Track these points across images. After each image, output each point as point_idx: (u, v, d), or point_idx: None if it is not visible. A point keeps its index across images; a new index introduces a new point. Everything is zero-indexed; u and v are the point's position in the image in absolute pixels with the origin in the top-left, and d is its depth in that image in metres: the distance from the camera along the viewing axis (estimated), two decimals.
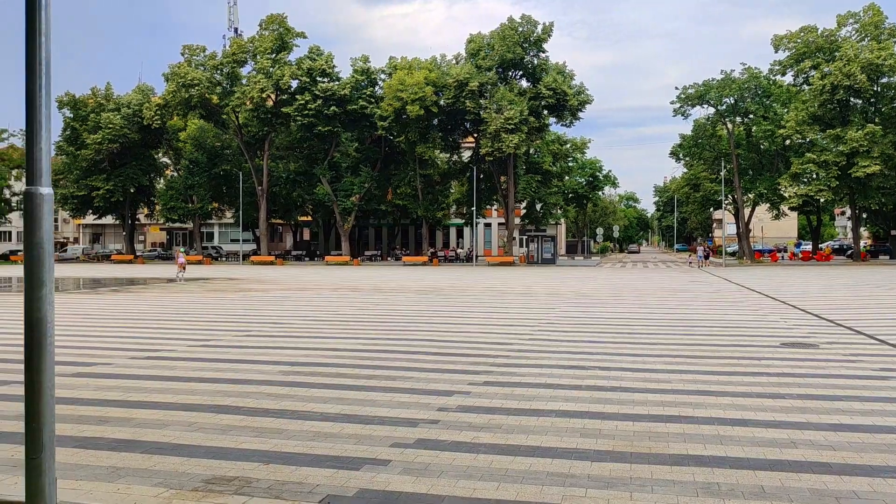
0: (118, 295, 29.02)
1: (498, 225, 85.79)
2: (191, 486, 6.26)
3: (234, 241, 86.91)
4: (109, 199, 74.42)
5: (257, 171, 70.52)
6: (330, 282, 37.76)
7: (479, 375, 11.24)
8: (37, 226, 5.19)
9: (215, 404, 9.30)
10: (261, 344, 14.76)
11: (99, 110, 73.33)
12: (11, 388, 10.30)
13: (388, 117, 62.26)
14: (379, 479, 6.47)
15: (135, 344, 14.81)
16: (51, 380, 5.22)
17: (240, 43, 68.86)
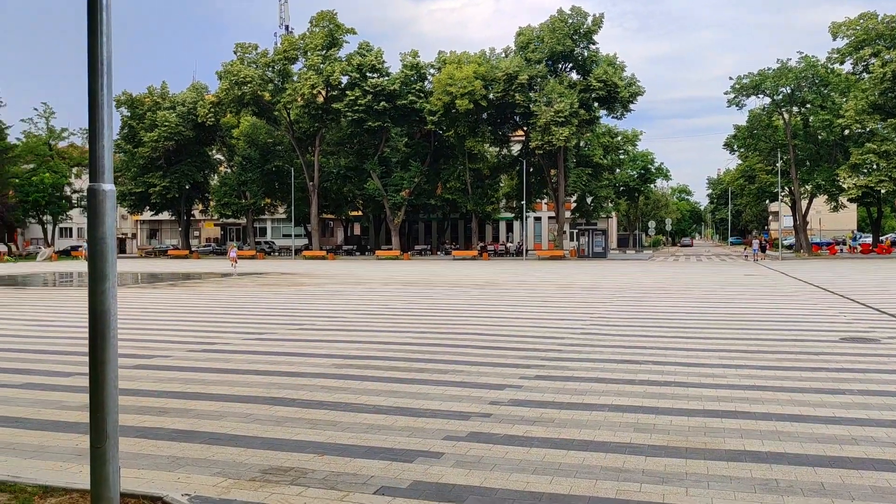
0: (175, 289, 29.65)
1: (548, 219, 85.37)
2: (248, 476, 6.38)
3: (287, 236, 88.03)
4: (165, 196, 76.00)
5: (308, 166, 71.30)
6: (380, 276, 38.03)
7: (530, 369, 11.22)
8: (100, 221, 5.34)
9: (270, 396, 9.45)
10: (314, 337, 14.95)
11: (155, 109, 74.89)
12: (75, 379, 10.61)
13: (438, 112, 62.35)
14: (432, 472, 6.51)
15: (192, 337, 15.13)
16: (114, 371, 5.37)
17: (291, 40, 69.62)
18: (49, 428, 7.95)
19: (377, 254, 69.33)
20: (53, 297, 26.54)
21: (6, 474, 6.32)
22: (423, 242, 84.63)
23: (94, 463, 5.31)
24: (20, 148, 78.60)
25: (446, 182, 68.03)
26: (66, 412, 8.66)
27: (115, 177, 71.86)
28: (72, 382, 10.39)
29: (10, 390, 9.88)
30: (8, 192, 73.87)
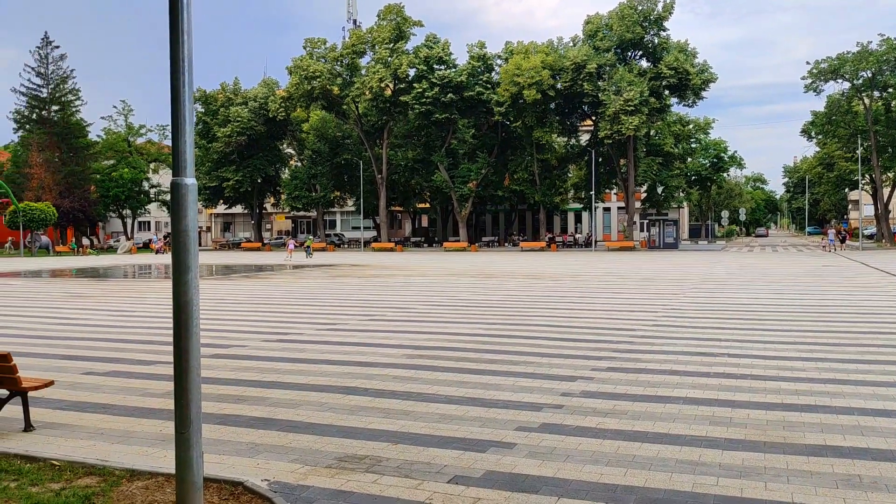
0: (249, 281, 30.34)
1: (617, 209, 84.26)
2: (325, 464, 6.51)
3: (356, 228, 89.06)
4: (238, 190, 77.69)
5: (377, 159, 71.93)
6: (449, 268, 38.17)
7: (602, 361, 11.13)
8: (182, 214, 5.51)
9: (344, 386, 9.61)
10: (385, 328, 15.12)
11: (228, 105, 76.57)
12: (157, 367, 10.98)
13: (505, 102, 62.11)
14: (505, 462, 6.53)
15: (266, 327, 15.47)
16: (197, 360, 5.54)
17: (358, 34, 70.26)
18: (134, 414, 8.25)
19: (445, 245, 69.56)
20: (134, 288, 27.46)
21: (95, 458, 6.59)
22: (490, 234, 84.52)
23: (179, 448, 5.49)
24: (101, 145, 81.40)
25: (514, 173, 67.76)
26: (149, 399, 8.98)
27: None
28: (154, 370, 10.76)
29: (97, 378, 10.28)
30: (90, 187, 76.59)
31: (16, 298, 22.88)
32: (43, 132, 72.98)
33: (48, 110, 74.81)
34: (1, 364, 7.22)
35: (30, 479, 6.07)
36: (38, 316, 18.04)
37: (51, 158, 72.30)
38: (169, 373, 10.40)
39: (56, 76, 74.63)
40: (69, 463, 6.45)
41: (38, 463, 6.48)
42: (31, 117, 74.78)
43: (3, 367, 7.23)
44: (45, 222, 65.04)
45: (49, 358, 11.86)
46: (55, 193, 70.54)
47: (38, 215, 63.68)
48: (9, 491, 5.80)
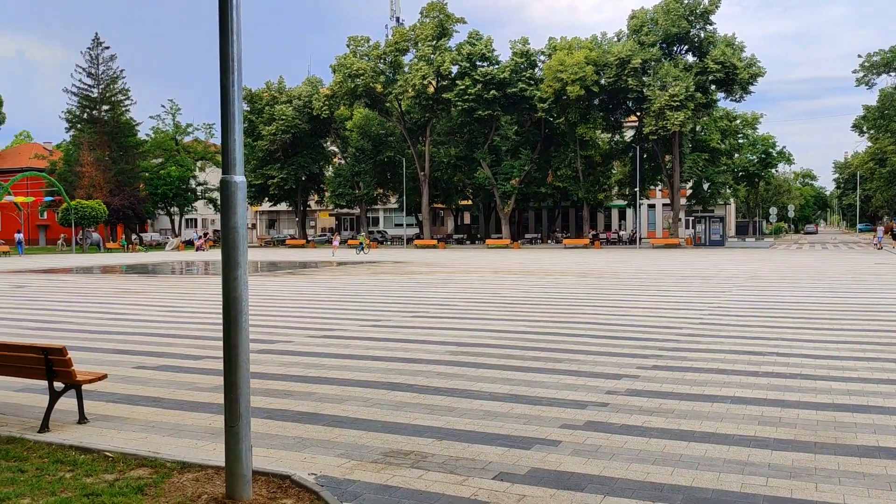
0: (293, 277, 30.67)
1: (662, 206, 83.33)
2: (370, 459, 6.56)
3: (398, 225, 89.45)
4: (283, 187, 78.55)
5: (419, 156, 72.14)
6: (491, 265, 38.13)
7: (647, 359, 11.03)
8: (232, 211, 5.60)
9: (388, 381, 9.67)
10: (428, 325, 15.17)
11: (273, 103, 77.45)
12: (205, 362, 11.17)
13: (548, 99, 61.79)
14: (550, 459, 6.52)
15: (311, 323, 15.63)
16: (246, 354, 5.64)
17: (401, 32, 70.50)
18: (184, 408, 8.41)
19: (487, 242, 69.50)
20: (182, 284, 27.94)
21: (147, 450, 6.74)
22: (533, 231, 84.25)
23: (229, 441, 5.60)
24: (149, 143, 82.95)
25: (557, 170, 67.43)
26: (199, 393, 9.14)
27: None
28: (203, 365, 10.95)
29: (148, 371, 10.50)
30: (139, 185, 78.12)
31: (69, 294, 23.45)
32: (94, 131, 74.60)
33: (99, 110, 76.43)
34: (57, 358, 7.41)
35: (84, 470, 6.23)
36: (91, 311, 18.47)
37: (101, 157, 73.87)
38: (217, 367, 10.58)
39: (106, 76, 76.22)
40: (122, 454, 6.60)
41: (93, 454, 6.65)
42: (82, 117, 76.49)
43: (58, 361, 7.42)
44: (96, 219, 66.53)
45: (101, 352, 12.13)
46: (106, 191, 72.08)
47: (90, 213, 65.15)
48: (64, 481, 5.96)
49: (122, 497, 5.57)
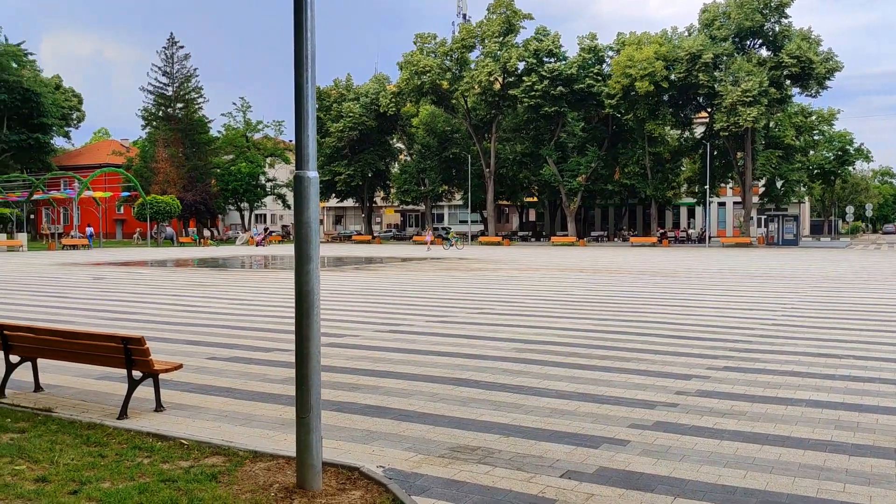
0: (360, 272, 31.01)
1: (733, 204, 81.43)
2: (437, 453, 6.60)
3: (463, 222, 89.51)
4: (350, 183, 79.44)
5: (485, 153, 72.06)
6: (557, 262, 37.88)
7: (717, 360, 10.81)
8: (304, 206, 5.69)
9: (455, 377, 9.70)
10: (494, 321, 15.16)
11: (340, 100, 78.35)
12: (275, 354, 11.39)
13: (616, 95, 61.00)
14: (618, 459, 6.45)
15: (378, 318, 15.78)
16: (317, 347, 5.73)
17: (468, 28, 70.50)
18: (255, 398, 8.59)
19: (552, 240, 69.04)
20: (251, 278, 28.53)
21: (220, 439, 6.91)
22: (599, 229, 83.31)
23: (300, 432, 5.70)
24: (221, 140, 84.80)
25: (624, 167, 66.55)
26: (269, 384, 9.33)
27: None
28: (272, 357, 11.16)
29: (220, 363, 10.76)
30: (211, 181, 79.96)
31: (144, 286, 24.18)
32: (168, 129, 76.65)
33: (173, 108, 78.49)
34: (135, 347, 7.65)
35: (161, 457, 6.42)
36: (165, 303, 19.01)
37: (175, 154, 75.85)
38: (287, 360, 10.77)
39: (181, 75, 78.22)
40: (197, 442, 6.78)
41: (169, 441, 6.84)
42: (157, 114, 78.67)
43: (137, 350, 7.66)
44: (169, 214, 68.43)
45: (175, 343, 12.48)
46: (179, 187, 74.00)
47: (164, 208, 67.03)
48: (142, 467, 6.15)
49: (197, 484, 5.72)
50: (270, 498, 5.49)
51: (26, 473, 5.97)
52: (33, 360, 8.78)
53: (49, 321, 14.72)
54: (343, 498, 5.52)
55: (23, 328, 8.73)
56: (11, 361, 8.71)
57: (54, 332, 8.71)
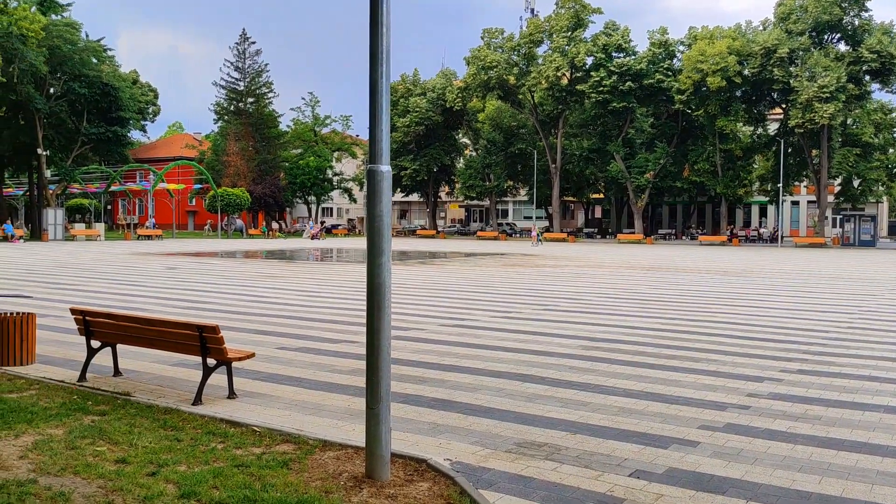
0: (424, 266, 31.18)
1: (807, 203, 79.08)
2: (504, 448, 6.61)
3: (528, 217, 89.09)
4: (415, 178, 79.88)
5: (551, 148, 71.61)
6: (624, 260, 37.43)
7: (791, 363, 10.54)
8: (377, 199, 5.76)
9: (520, 373, 9.69)
10: (559, 318, 15.07)
11: (407, 95, 78.81)
12: (342, 346, 11.55)
13: (687, 90, 59.87)
14: (688, 460, 6.36)
15: (442, 312, 15.85)
16: (388, 339, 5.80)
17: (536, 23, 70.06)
18: (324, 388, 8.74)
19: (619, 237, 68.22)
20: (318, 270, 28.96)
21: (291, 427, 7.05)
22: (667, 226, 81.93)
23: (369, 422, 5.78)
24: (290, 134, 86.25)
25: (694, 164, 65.28)
26: (338, 375, 9.47)
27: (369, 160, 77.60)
28: (340, 349, 11.32)
29: (290, 353, 10.96)
30: (279, 174, 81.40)
31: (215, 276, 24.77)
32: (239, 123, 78.29)
33: (244, 102, 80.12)
34: (210, 335, 7.86)
35: (234, 443, 6.58)
36: (235, 293, 19.45)
37: (246, 147, 77.44)
38: (354, 351, 10.92)
39: (252, 70, 79.78)
40: (268, 430, 6.94)
41: (241, 428, 7.01)
42: (229, 109, 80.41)
43: (212, 339, 7.87)
44: (239, 207, 69.93)
45: (246, 332, 12.76)
46: (249, 180, 75.54)
47: (234, 200, 68.52)
48: (216, 452, 6.32)
49: (269, 470, 5.86)
50: (340, 486, 5.59)
51: (107, 454, 6.19)
52: (113, 346, 9.10)
53: (125, 308, 15.21)
54: (411, 489, 5.58)
55: (103, 314, 9.06)
56: (93, 346, 9.04)
57: (133, 318, 9.01)
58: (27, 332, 9.70)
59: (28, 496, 5.24)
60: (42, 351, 10.38)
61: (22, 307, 15.06)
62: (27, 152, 61.48)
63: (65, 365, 9.78)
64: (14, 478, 5.61)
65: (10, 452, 6.20)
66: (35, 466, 5.88)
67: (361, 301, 17.46)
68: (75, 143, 62.69)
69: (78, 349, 10.40)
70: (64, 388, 8.49)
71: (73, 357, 10.17)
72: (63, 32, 58.36)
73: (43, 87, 58.65)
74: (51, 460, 6.01)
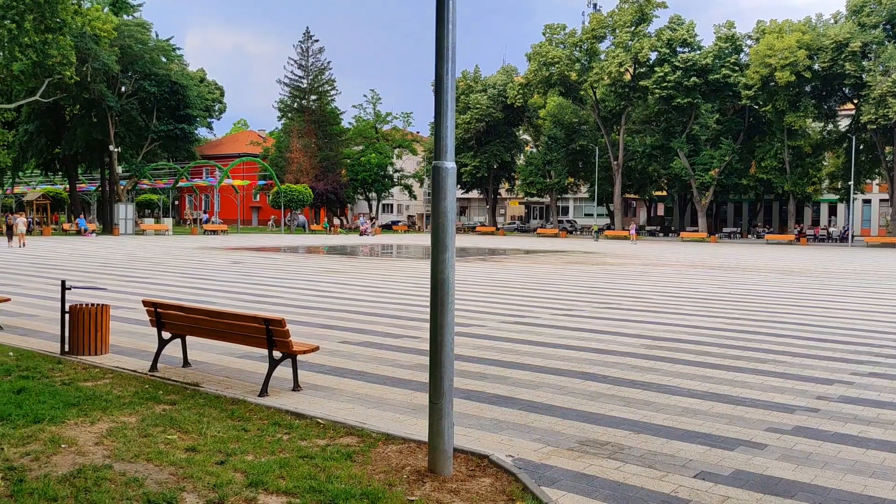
0: (484, 263, 31.18)
1: (879, 202, 76.54)
2: (566, 446, 6.58)
3: (588, 215, 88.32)
4: (475, 175, 79.91)
5: (613, 145, 70.84)
6: (687, 258, 36.82)
7: (862, 365, 10.25)
8: (442, 196, 5.79)
9: (582, 371, 9.63)
10: (620, 316, 14.92)
11: (468, 92, 78.86)
12: (404, 341, 11.64)
13: (754, 86, 58.57)
14: (755, 462, 6.24)
15: (503, 309, 15.84)
16: (451, 334, 5.82)
17: (599, 18, 69.37)
18: (386, 383, 8.82)
19: (682, 235, 67.13)
20: (379, 266, 29.22)
21: (354, 420, 7.14)
22: (731, 225, 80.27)
23: (432, 417, 5.82)
24: (351, 131, 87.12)
25: (761, 161, 63.80)
26: (399, 370, 9.55)
27: (429, 158, 77.21)
28: (402, 344, 11.42)
29: (352, 347, 11.10)
30: (341, 171, 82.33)
31: (278, 270, 25.21)
32: (302, 120, 79.40)
33: (307, 100, 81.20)
34: (277, 328, 8.01)
35: (299, 434, 6.70)
36: (298, 287, 19.76)
37: (308, 144, 78.51)
38: (415, 346, 11.00)
39: (315, 68, 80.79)
40: (332, 422, 7.04)
41: (306, 420, 7.13)
42: (292, 106, 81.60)
43: (278, 332, 8.02)
44: (302, 203, 70.97)
45: (309, 326, 12.95)
46: (311, 176, 76.58)
47: (297, 196, 69.58)
48: (282, 443, 6.45)
49: (333, 462, 5.95)
50: (403, 479, 5.64)
51: (177, 443, 6.37)
52: (183, 337, 9.35)
53: (193, 301, 15.59)
54: (473, 484, 5.60)
55: (174, 307, 9.31)
56: (163, 338, 9.30)
57: (202, 311, 9.24)
58: (101, 323, 10.03)
59: (104, 481, 5.43)
60: (115, 341, 10.72)
61: (96, 299, 15.57)
62: (100, 149, 63.49)
63: (136, 355, 10.09)
64: (90, 463, 5.82)
65: (87, 439, 6.43)
66: (110, 452, 6.08)
67: (421, 297, 17.58)
68: (145, 140, 64.48)
69: (149, 340, 10.73)
70: (136, 377, 8.76)
71: (145, 348, 10.48)
72: (134, 32, 60.07)
73: (115, 86, 60.49)
74: (124, 447, 6.21)
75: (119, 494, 5.19)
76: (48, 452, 6.04)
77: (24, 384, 8.16)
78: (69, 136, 61.74)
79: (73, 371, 8.99)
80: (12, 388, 7.98)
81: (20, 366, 9.15)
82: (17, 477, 5.49)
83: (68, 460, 5.88)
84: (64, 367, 9.18)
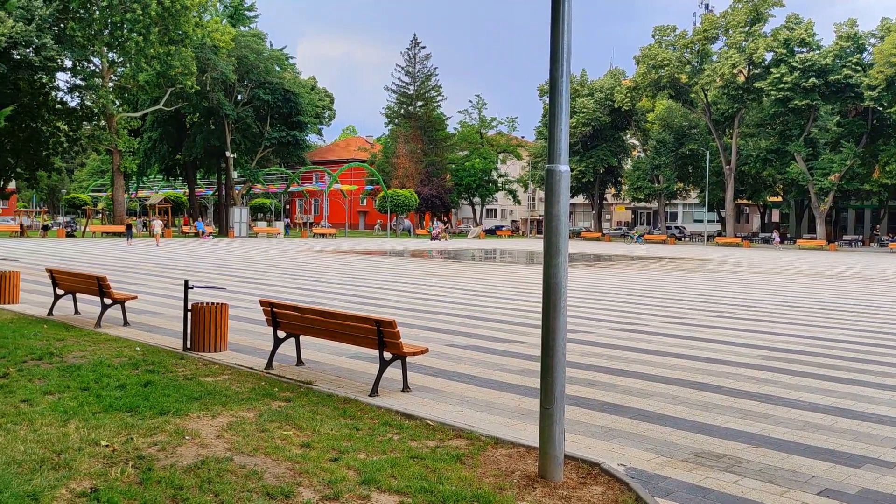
0: (590, 269, 30.78)
1: None
2: (681, 457, 6.40)
3: (698, 221, 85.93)
4: (581, 180, 79.06)
5: (725, 149, 68.71)
6: (804, 267, 35.28)
7: None
8: (556, 199, 5.75)
9: (694, 381, 9.36)
10: (734, 326, 14.43)
11: (574, 96, 78.11)
12: (510, 345, 11.61)
13: (878, 86, 55.65)
14: (884, 482, 5.90)
15: (611, 316, 15.58)
16: (563, 339, 5.77)
17: (711, 19, 67.50)
18: (494, 387, 8.82)
19: (798, 243, 64.43)
20: (482, 270, 29.27)
21: (463, 423, 7.16)
22: (852, 232, 76.44)
23: (543, 422, 5.77)
24: (457, 137, 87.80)
25: (885, 165, 60.48)
26: (506, 374, 9.53)
27: (535, 162, 76.87)
28: (508, 348, 11.39)
29: (459, 350, 11.13)
30: (446, 176, 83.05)
31: (385, 273, 25.62)
32: (409, 126, 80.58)
33: (414, 106, 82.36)
34: (387, 330, 8.14)
35: (409, 435, 6.78)
36: (404, 290, 20.01)
37: (414, 150, 79.59)
38: (523, 351, 10.95)
39: (421, 74, 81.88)
40: (441, 424, 7.09)
41: (416, 421, 7.21)
42: (399, 112, 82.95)
43: (389, 333, 8.14)
44: (408, 207, 71.97)
45: (416, 328, 13.09)
46: (417, 181, 77.57)
47: (403, 201, 70.61)
48: (392, 443, 6.54)
49: (443, 463, 5.98)
50: (513, 484, 5.62)
51: (293, 439, 6.55)
52: (297, 337, 9.62)
53: (305, 302, 16.02)
54: (584, 492, 5.52)
55: (289, 307, 9.59)
56: (279, 336, 9.59)
57: (316, 311, 9.49)
58: (220, 322, 10.44)
59: (225, 473, 5.65)
60: (232, 339, 11.15)
61: (216, 298, 16.22)
62: (217, 155, 66.30)
63: (253, 353, 10.45)
64: (213, 455, 6.06)
65: (209, 431, 6.70)
66: (230, 446, 6.32)
67: (527, 301, 17.50)
68: (259, 146, 66.90)
69: (264, 339, 11.09)
70: (253, 374, 9.07)
71: (260, 346, 10.84)
72: (250, 42, 62.47)
73: (232, 95, 63.06)
74: (244, 441, 6.44)
75: (240, 486, 5.38)
76: (173, 443, 6.33)
77: (150, 378, 8.59)
78: (189, 142, 64.77)
79: (194, 367, 9.39)
80: (140, 382, 8.40)
81: (146, 360, 9.63)
82: (145, 465, 5.77)
83: (192, 451, 6.14)
84: (186, 363, 9.60)
